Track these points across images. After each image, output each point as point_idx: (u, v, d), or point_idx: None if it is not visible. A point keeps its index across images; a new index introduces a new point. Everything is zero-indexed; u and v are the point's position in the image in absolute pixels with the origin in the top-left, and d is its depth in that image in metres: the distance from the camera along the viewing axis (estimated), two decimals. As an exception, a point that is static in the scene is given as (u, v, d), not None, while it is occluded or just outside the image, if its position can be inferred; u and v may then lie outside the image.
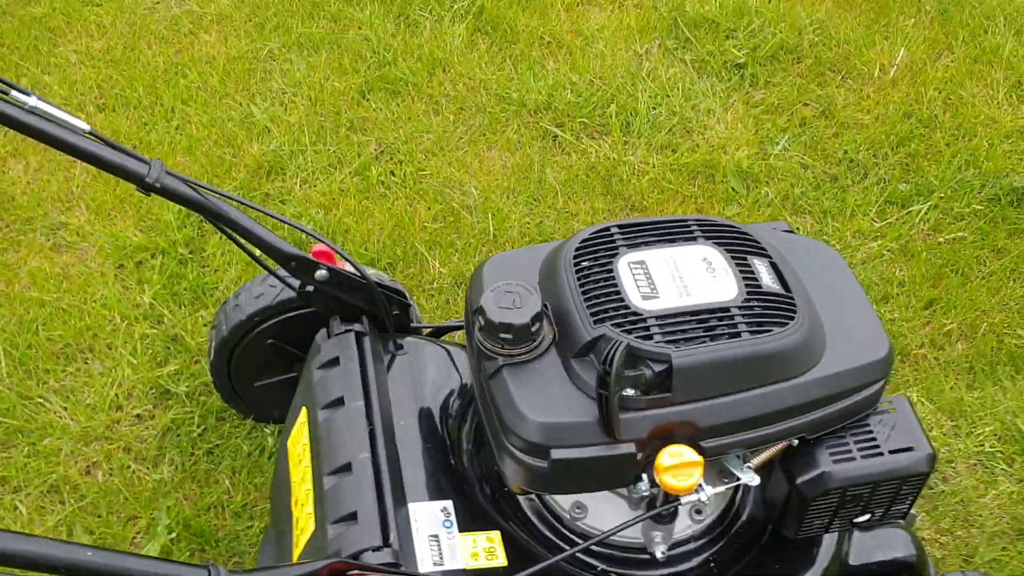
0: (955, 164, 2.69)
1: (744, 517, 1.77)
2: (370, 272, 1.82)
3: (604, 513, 1.69)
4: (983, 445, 2.12)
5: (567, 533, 1.69)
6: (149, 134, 2.81)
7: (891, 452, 1.56)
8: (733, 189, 2.65)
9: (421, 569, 1.51)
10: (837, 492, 1.55)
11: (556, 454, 1.42)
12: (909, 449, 1.57)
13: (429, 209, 2.61)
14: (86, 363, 2.27)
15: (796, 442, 1.56)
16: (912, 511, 1.89)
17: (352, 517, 1.53)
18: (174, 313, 2.37)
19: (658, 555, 1.67)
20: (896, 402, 1.63)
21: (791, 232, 1.79)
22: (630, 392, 1.41)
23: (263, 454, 2.11)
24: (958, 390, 2.23)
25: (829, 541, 1.75)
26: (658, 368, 1.40)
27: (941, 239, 2.53)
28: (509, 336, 1.45)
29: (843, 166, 2.73)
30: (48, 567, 1.07)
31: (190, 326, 2.33)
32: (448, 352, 1.92)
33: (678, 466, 1.42)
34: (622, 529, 1.52)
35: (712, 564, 1.71)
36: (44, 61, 3.04)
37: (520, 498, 1.74)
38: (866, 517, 1.65)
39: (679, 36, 3.11)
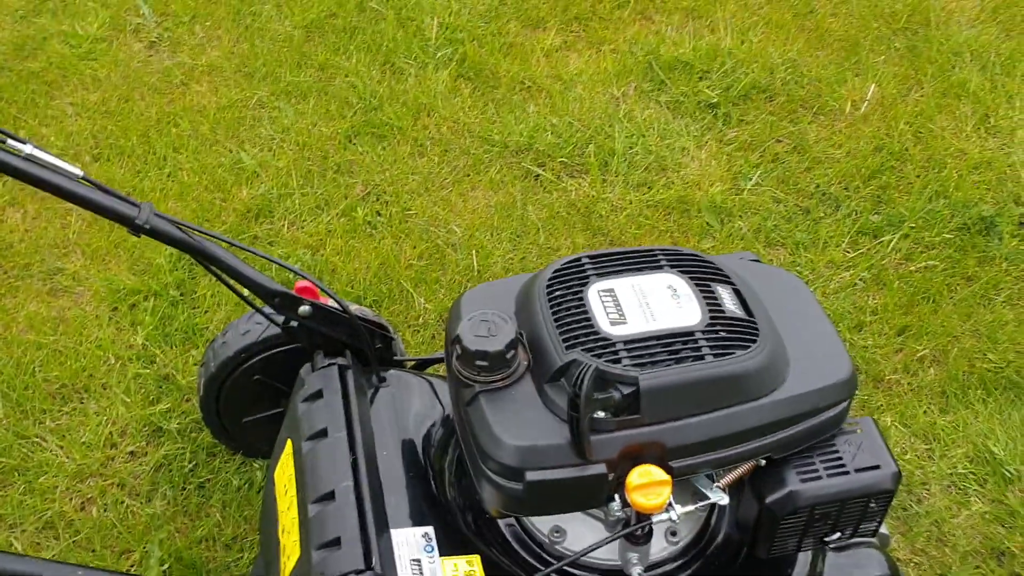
0: (925, 195, 2.78)
1: (719, 539, 1.82)
2: (353, 308, 1.88)
3: (583, 536, 1.74)
4: (956, 467, 2.18)
5: (546, 557, 1.74)
6: (142, 181, 2.89)
7: (857, 471, 1.62)
8: (708, 223, 2.73)
9: (402, 591, 1.55)
10: (805, 510, 1.61)
11: (531, 476, 1.47)
12: (875, 467, 1.62)
13: (414, 247, 2.69)
14: (81, 403, 2.33)
15: (764, 462, 1.62)
16: (886, 532, 1.94)
17: (336, 543, 1.58)
18: (165, 353, 2.43)
19: (634, 575, 1.72)
20: (862, 423, 1.70)
21: (758, 261, 1.87)
22: (600, 414, 1.47)
23: (252, 488, 2.16)
24: (931, 414, 2.29)
25: (803, 562, 1.79)
26: (626, 390, 1.46)
27: (912, 268, 2.60)
28: (485, 363, 1.51)
29: (815, 199, 2.81)
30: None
31: (181, 365, 2.39)
32: (431, 384, 1.98)
33: (647, 484, 1.48)
34: (595, 549, 1.58)
35: (688, 584, 1.76)
36: (42, 113, 3.13)
37: (500, 524, 1.80)
38: (836, 536, 1.70)
39: (654, 79, 3.22)
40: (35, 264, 2.65)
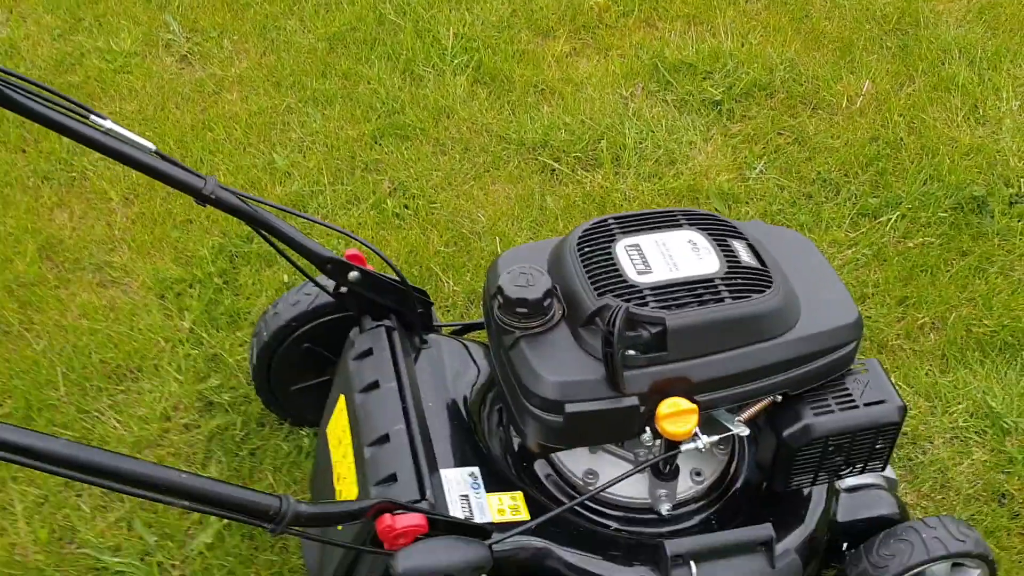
0: (920, 178, 2.95)
1: (740, 481, 1.98)
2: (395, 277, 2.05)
3: (611, 476, 1.89)
4: (957, 421, 2.33)
5: (577, 494, 1.89)
6: (182, 182, 3.06)
7: (866, 405, 1.78)
8: (716, 209, 2.90)
9: (455, 522, 1.69)
10: (820, 442, 1.76)
11: (570, 408, 1.63)
12: (882, 402, 1.78)
13: (441, 236, 2.86)
14: (135, 382, 2.49)
15: (780, 398, 1.77)
16: (894, 476, 2.10)
17: (392, 478, 1.74)
18: (212, 336, 2.59)
19: (663, 512, 1.87)
20: (868, 364, 1.86)
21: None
22: (631, 352, 1.64)
23: (301, 453, 2.31)
24: (932, 375, 2.45)
25: (817, 502, 1.94)
26: (654, 330, 1.62)
27: (911, 244, 2.78)
28: (525, 310, 1.68)
29: (816, 185, 2.99)
30: (149, 485, 1.27)
31: (228, 346, 2.55)
32: (467, 347, 2.14)
33: (675, 413, 1.64)
34: (624, 479, 1.74)
35: (713, 521, 1.91)
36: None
37: (537, 468, 1.95)
38: (847, 471, 1.85)
39: (660, 80, 3.41)
40: (84, 258, 2.82)
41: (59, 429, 2.33)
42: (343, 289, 1.99)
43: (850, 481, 2.02)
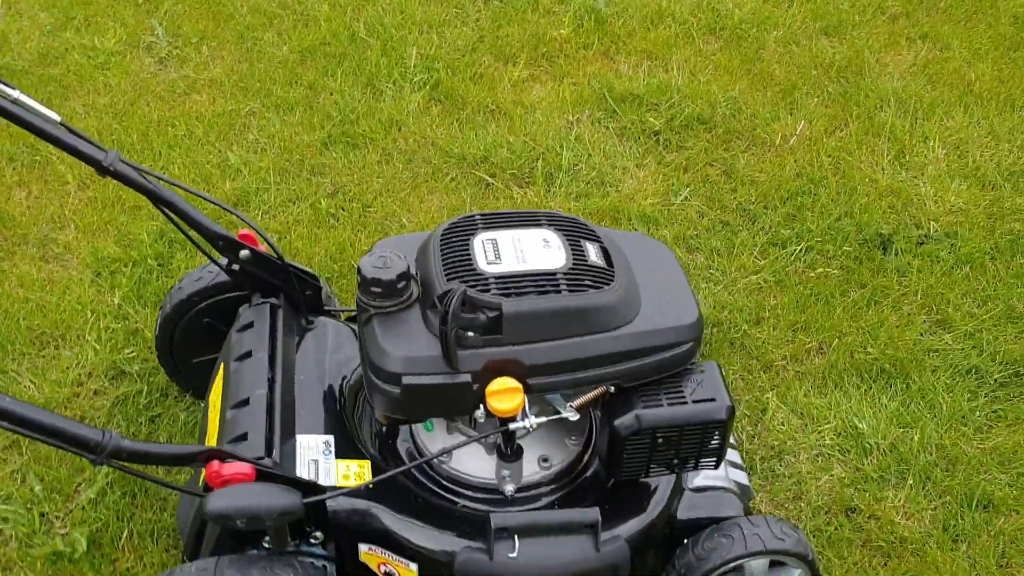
0: (835, 214, 3.06)
1: (590, 472, 2.08)
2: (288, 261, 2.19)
3: (465, 457, 2.01)
4: (824, 439, 2.42)
5: (433, 474, 2.01)
6: (137, 171, 3.24)
7: (694, 402, 1.88)
8: (635, 229, 3.03)
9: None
10: (647, 433, 1.87)
11: (407, 380, 1.76)
12: (711, 400, 1.89)
13: (369, 238, 3.00)
14: (56, 348, 2.64)
15: (612, 389, 1.88)
16: (748, 483, 2.19)
17: (243, 437, 1.87)
18: (138, 312, 2.74)
19: (507, 492, 1.98)
20: (706, 366, 1.96)
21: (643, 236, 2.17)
22: (470, 334, 1.76)
23: (197, 425, 2.44)
24: (810, 396, 2.54)
25: (660, 498, 2.03)
26: (491, 314, 1.75)
27: (812, 274, 2.88)
28: (379, 290, 1.81)
29: (736, 214, 3.11)
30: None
31: (150, 322, 2.70)
32: (354, 331, 2.27)
33: (502, 390, 1.76)
34: (451, 450, 1.87)
35: (556, 505, 2.01)
36: (56, 111, 3.50)
37: (399, 446, 2.07)
38: (680, 465, 1.95)
39: (607, 108, 3.55)
40: (32, 234, 2.99)
41: (-24, 384, 2.49)
42: (235, 267, 2.13)
43: (699, 482, 2.12)
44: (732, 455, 2.23)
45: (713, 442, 1.91)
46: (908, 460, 2.38)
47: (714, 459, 1.95)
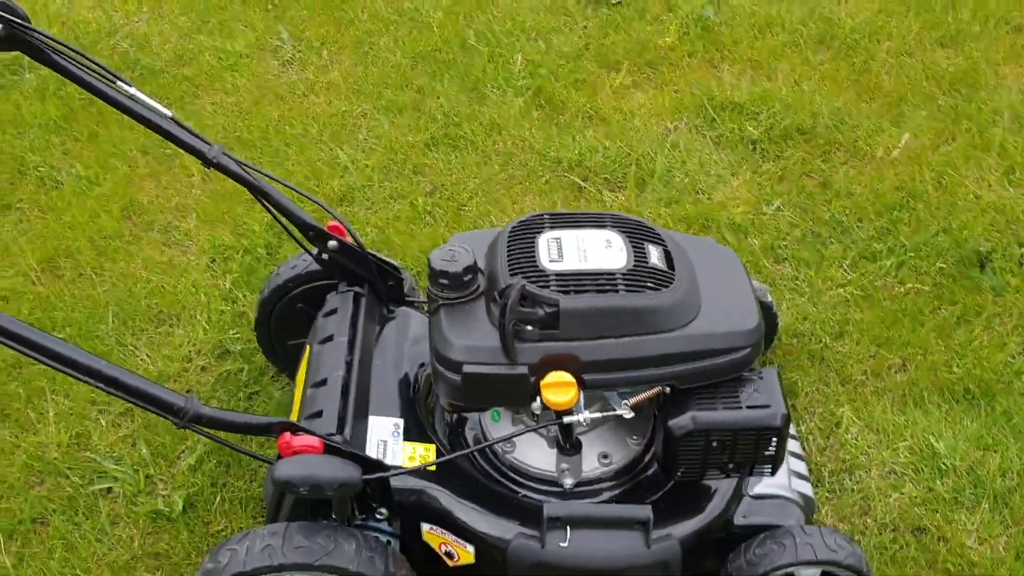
0: (931, 230, 2.99)
1: (650, 472, 2.13)
2: (373, 252, 2.33)
3: (527, 450, 2.10)
4: (898, 456, 2.39)
5: (497, 462, 2.10)
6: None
7: (749, 407, 1.91)
8: (724, 238, 3.04)
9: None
10: (701, 435, 1.91)
11: (467, 368, 1.86)
12: (766, 407, 1.91)
13: (462, 235, 3.12)
14: (171, 327, 2.87)
15: (668, 390, 1.93)
16: (811, 495, 2.19)
17: (319, 415, 2.01)
18: (246, 296, 2.95)
19: (565, 485, 2.05)
20: (765, 373, 1.99)
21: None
22: (529, 328, 1.85)
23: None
24: (887, 412, 2.51)
25: (718, 501, 2.06)
26: (549, 309, 1.83)
27: (902, 289, 2.83)
28: (446, 282, 1.92)
29: (828, 226, 3.08)
30: (74, 365, 1.58)
31: (256, 306, 2.90)
32: (433, 321, 2.39)
33: (556, 384, 1.83)
34: (503, 440, 1.97)
35: (614, 501, 2.07)
36: (187, 108, 3.80)
37: (467, 434, 2.17)
38: (735, 469, 1.97)
39: (706, 116, 3.57)
40: (158, 222, 3.25)
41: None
42: (325, 256, 2.29)
43: (761, 489, 2.13)
44: (797, 465, 2.23)
45: (768, 449, 1.94)
46: (985, 483, 2.32)
47: (769, 466, 1.97)
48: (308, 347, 2.26)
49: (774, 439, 1.92)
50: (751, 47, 3.94)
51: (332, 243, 2.25)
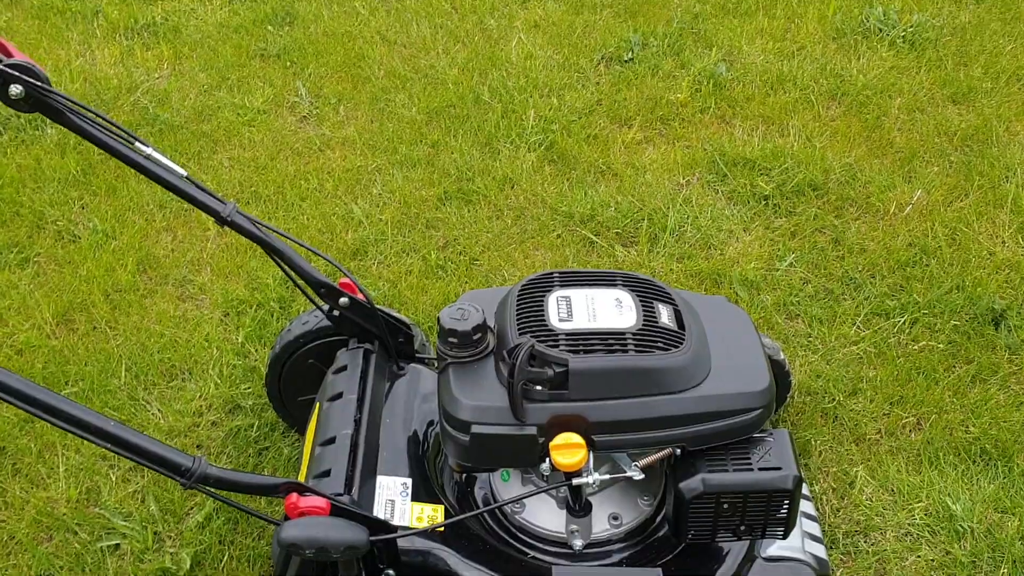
0: (945, 287, 2.98)
1: (661, 533, 2.10)
2: (384, 308, 2.34)
3: (538, 510, 2.08)
4: (914, 518, 2.34)
5: (506, 523, 2.08)
6: (270, 220, 3.51)
7: (760, 469, 1.89)
8: (736, 294, 3.03)
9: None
10: (712, 497, 1.89)
11: (475, 428, 1.85)
12: (777, 468, 1.89)
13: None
14: (183, 381, 2.88)
15: (679, 452, 1.91)
16: (825, 557, 2.16)
17: (327, 473, 2.00)
18: (258, 351, 2.96)
19: (575, 546, 2.03)
20: (777, 434, 1.97)
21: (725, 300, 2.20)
22: (538, 388, 1.84)
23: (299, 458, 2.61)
24: (902, 472, 2.47)
25: (731, 564, 2.03)
26: (558, 369, 1.82)
27: (915, 347, 2.80)
28: (455, 340, 1.92)
29: (840, 283, 3.07)
30: (83, 426, 1.59)
31: (267, 361, 2.90)
32: (445, 380, 2.38)
33: (565, 445, 1.82)
34: (510, 502, 1.94)
35: (624, 563, 2.04)
36: (204, 164, 3.85)
37: (476, 494, 2.16)
38: (747, 532, 1.94)
39: (718, 171, 3.59)
40: (172, 275, 3.28)
41: (110, 410, 2.75)
42: (336, 313, 2.30)
43: (773, 551, 2.10)
44: (811, 527, 2.20)
45: (780, 511, 1.91)
46: (1004, 547, 2.28)
47: (781, 528, 1.94)
48: (318, 404, 2.26)
49: (786, 501, 1.89)
50: (763, 103, 3.97)
51: (343, 299, 2.26)
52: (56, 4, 4.97)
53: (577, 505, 2.02)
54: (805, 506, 2.25)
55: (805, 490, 2.28)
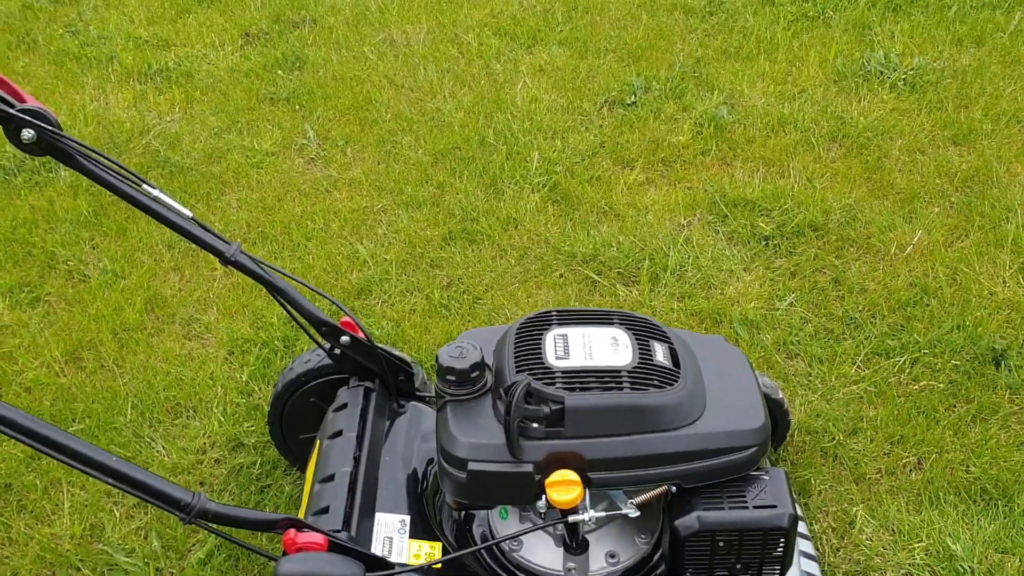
0: (946, 327, 2.99)
1: (659, 572, 2.10)
2: (385, 347, 2.37)
3: (536, 548, 2.09)
4: (914, 558, 2.34)
5: (503, 560, 2.09)
6: (275, 260, 3.56)
7: (755, 507, 1.90)
8: (736, 333, 3.05)
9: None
10: (707, 535, 1.89)
11: (472, 466, 1.87)
12: (773, 507, 1.90)
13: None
14: (187, 419, 2.91)
15: (674, 489, 1.92)
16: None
17: (325, 510, 2.02)
18: (261, 389, 2.99)
19: (573, 586, 2.03)
20: (772, 472, 1.98)
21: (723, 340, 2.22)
22: (534, 425, 1.86)
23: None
24: (902, 512, 2.46)
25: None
26: (554, 407, 1.85)
27: (916, 386, 2.81)
28: (453, 378, 1.95)
29: (840, 322, 3.08)
30: (84, 460, 1.61)
31: (271, 399, 2.93)
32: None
33: (561, 482, 1.84)
34: (515, 536, 1.95)
35: (621, 603, 2.04)
36: (213, 205, 3.91)
37: (475, 530, 2.16)
38: (743, 571, 1.95)
39: (718, 212, 3.62)
40: (180, 314, 3.33)
41: (115, 447, 2.77)
42: (337, 351, 2.33)
43: (768, 592, 2.10)
44: (810, 566, 2.20)
45: (776, 550, 1.91)
46: (1005, 587, 2.27)
47: (777, 567, 1.94)
48: (318, 442, 2.28)
49: (782, 540, 1.90)
50: (764, 145, 4.02)
51: (344, 338, 2.29)
52: (72, 50, 5.09)
53: (574, 543, 2.03)
54: (804, 545, 2.25)
55: (805, 529, 2.28)
